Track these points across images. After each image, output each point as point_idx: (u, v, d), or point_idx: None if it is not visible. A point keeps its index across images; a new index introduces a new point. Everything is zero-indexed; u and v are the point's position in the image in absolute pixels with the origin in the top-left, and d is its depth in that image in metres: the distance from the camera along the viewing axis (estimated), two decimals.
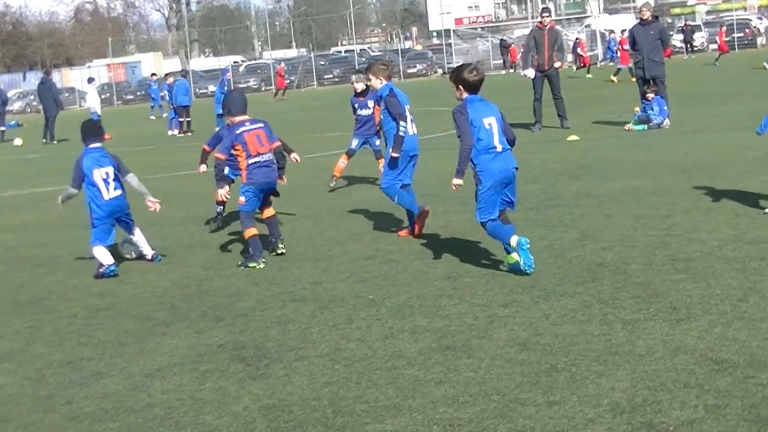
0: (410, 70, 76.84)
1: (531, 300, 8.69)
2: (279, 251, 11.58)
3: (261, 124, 11.64)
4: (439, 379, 6.88)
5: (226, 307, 9.54)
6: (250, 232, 11.43)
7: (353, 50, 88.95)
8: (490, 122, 9.82)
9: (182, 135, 36.17)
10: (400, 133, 12.03)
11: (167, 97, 39.64)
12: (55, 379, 7.76)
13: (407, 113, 12.17)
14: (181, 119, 37.12)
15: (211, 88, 67.08)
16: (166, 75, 42.93)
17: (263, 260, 11.34)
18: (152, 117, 49.39)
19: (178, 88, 37.50)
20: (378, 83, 12.44)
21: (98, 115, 38.63)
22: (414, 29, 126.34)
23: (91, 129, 12.26)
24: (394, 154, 12.07)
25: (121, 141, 34.35)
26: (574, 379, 6.60)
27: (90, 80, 44.66)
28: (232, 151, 11.45)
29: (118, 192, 11.87)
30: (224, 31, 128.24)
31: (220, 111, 34.87)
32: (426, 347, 7.64)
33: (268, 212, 11.77)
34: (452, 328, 8.10)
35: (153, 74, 43.01)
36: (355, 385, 6.92)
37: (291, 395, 6.84)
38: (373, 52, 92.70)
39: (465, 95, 9.97)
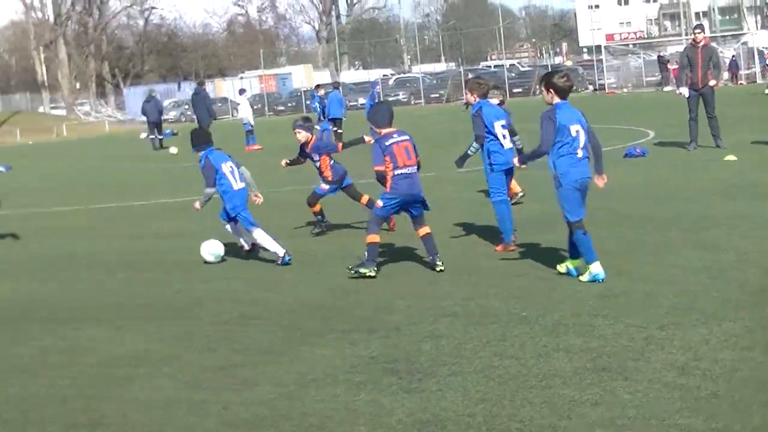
0: None
1: (689, 323, 8.49)
2: (438, 268, 11.56)
3: (407, 137, 11.74)
4: (595, 400, 6.77)
5: (377, 319, 9.56)
6: (373, 238, 11.52)
7: (502, 65, 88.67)
8: (577, 129, 10.30)
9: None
10: (468, 152, 12.85)
11: (317, 109, 39.97)
12: (210, 384, 7.86)
13: (498, 130, 12.59)
14: (335, 130, 37.44)
15: (361, 100, 67.59)
16: (317, 87, 43.31)
17: (375, 269, 11.45)
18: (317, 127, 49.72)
19: (331, 100, 37.80)
20: (472, 100, 12.86)
21: (251, 126, 39.23)
22: (564, 45, 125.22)
23: (203, 136, 13.47)
24: (491, 172, 12.64)
25: (273, 151, 34.81)
26: (737, 407, 6.41)
27: (241, 91, 45.35)
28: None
29: (243, 184, 13.13)
30: (374, 44, 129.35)
31: None
32: (581, 367, 7.53)
33: (423, 230, 11.77)
34: (607, 348, 7.96)
35: (317, 86, 43.40)
36: (509, 403, 6.85)
37: (445, 410, 6.80)
38: (522, 67, 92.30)
39: (556, 100, 10.35)
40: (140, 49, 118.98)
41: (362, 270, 11.40)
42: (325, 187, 14.94)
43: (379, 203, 11.64)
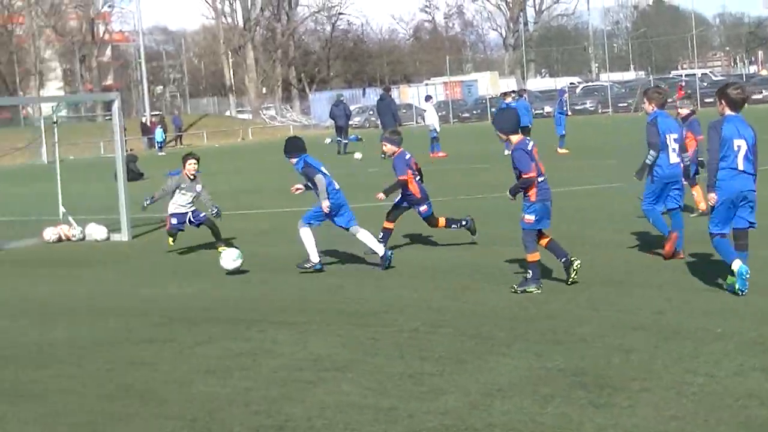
0: (755, 96, 73.77)
1: None
2: (575, 269, 11.36)
3: (533, 142, 11.59)
4: None
5: (565, 331, 9.37)
6: (534, 256, 11.29)
7: (694, 74, 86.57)
8: (740, 144, 10.21)
9: None
10: (646, 161, 12.71)
11: None
12: (396, 391, 7.80)
13: (669, 143, 12.62)
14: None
15: (547, 108, 67.03)
16: (503, 94, 43.14)
17: (540, 286, 11.24)
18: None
19: (518, 107, 37.62)
20: (650, 108, 12.91)
21: (436, 132, 39.28)
22: (760, 53, 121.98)
23: (297, 144, 13.67)
24: (650, 182, 12.78)
25: (457, 159, 34.84)
26: None
27: (428, 98, 45.48)
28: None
29: (338, 186, 13.53)
30: (561, 51, 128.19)
31: (562, 132, 35.42)
32: None
33: (544, 239, 11.56)
34: None
35: (504, 93, 43.19)
36: (704, 422, 6.60)
37: (636, 427, 6.59)
38: (715, 76, 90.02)
39: (727, 112, 10.31)
40: (326, 54, 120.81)
41: (529, 289, 11.22)
42: (423, 207, 14.63)
43: (530, 218, 11.28)
